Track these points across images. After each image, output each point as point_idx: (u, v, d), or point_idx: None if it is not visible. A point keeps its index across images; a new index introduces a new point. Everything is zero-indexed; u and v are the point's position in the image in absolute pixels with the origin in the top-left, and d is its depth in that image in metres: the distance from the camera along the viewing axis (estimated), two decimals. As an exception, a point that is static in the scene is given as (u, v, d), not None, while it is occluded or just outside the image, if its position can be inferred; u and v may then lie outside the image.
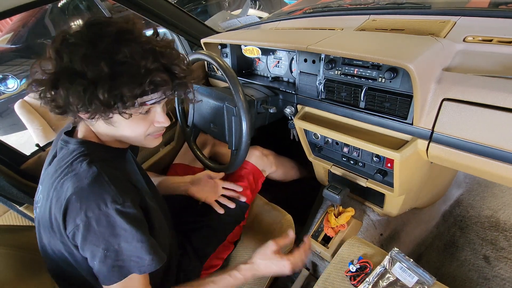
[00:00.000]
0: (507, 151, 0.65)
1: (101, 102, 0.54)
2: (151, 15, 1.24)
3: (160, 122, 0.66)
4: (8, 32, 3.33)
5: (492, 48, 0.79)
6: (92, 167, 0.59)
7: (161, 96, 0.61)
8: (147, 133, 0.66)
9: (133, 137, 0.66)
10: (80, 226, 0.56)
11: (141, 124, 0.64)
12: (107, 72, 0.53)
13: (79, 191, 0.57)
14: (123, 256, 0.58)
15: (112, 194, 0.57)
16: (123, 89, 0.54)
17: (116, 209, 0.56)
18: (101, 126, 0.64)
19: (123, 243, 0.58)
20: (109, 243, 0.57)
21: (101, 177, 0.58)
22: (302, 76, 1.00)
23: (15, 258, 0.72)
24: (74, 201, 0.56)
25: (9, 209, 1.03)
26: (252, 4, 4.28)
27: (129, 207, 0.58)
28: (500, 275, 1.12)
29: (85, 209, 0.56)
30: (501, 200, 1.29)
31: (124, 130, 0.64)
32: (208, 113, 1.07)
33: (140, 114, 0.62)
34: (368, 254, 0.85)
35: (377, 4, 1.31)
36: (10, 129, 3.25)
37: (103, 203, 0.56)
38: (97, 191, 0.57)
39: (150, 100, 0.60)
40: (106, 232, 0.56)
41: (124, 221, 0.57)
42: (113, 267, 0.58)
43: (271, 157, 1.21)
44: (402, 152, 0.79)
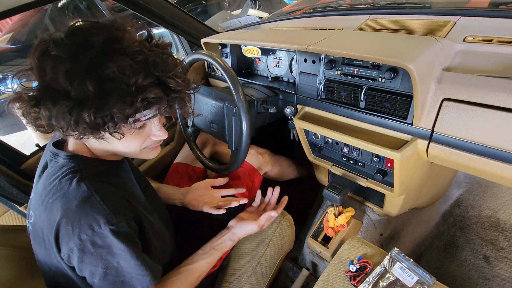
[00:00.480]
0: (507, 151, 0.65)
1: (88, 124, 0.49)
2: (151, 15, 1.24)
3: (157, 136, 0.62)
4: (8, 32, 3.33)
5: (492, 48, 0.79)
6: (81, 186, 0.56)
7: (155, 112, 0.56)
8: (143, 146, 0.62)
9: (128, 152, 0.63)
10: (75, 250, 0.54)
11: (136, 139, 0.60)
12: (93, 91, 0.47)
13: (69, 214, 0.54)
14: (124, 272, 0.58)
15: (105, 215, 0.54)
16: (112, 109, 0.49)
17: (111, 229, 0.54)
18: (93, 141, 0.59)
19: (122, 261, 0.57)
20: (108, 261, 0.56)
21: (92, 197, 0.55)
22: (302, 76, 1.00)
23: (15, 258, 0.72)
24: (64, 224, 0.54)
25: (9, 209, 1.03)
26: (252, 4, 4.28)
27: (123, 227, 0.56)
28: (500, 275, 1.12)
29: (78, 233, 0.53)
30: (501, 200, 1.29)
31: (118, 145, 0.59)
32: (208, 113, 1.07)
33: (134, 130, 0.57)
34: (368, 254, 0.85)
35: (377, 4, 1.31)
36: (10, 129, 3.25)
37: (96, 224, 0.54)
38: (89, 213, 0.54)
39: (143, 117, 0.56)
40: (102, 252, 0.55)
41: (119, 241, 0.55)
42: (114, 282, 0.58)
43: (266, 155, 1.21)
44: (402, 152, 0.79)
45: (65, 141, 0.66)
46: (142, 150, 0.63)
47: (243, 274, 0.95)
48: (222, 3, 4.49)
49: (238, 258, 0.99)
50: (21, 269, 0.72)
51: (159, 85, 0.53)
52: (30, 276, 0.72)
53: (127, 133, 0.56)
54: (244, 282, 0.94)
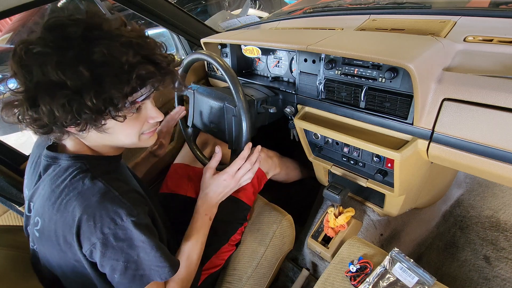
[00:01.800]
0: (508, 151, 0.65)
1: (91, 109, 0.50)
2: (151, 15, 1.23)
3: (154, 117, 0.64)
4: (7, 32, 3.33)
5: (493, 48, 0.79)
6: (96, 183, 0.57)
7: (150, 89, 0.58)
8: (141, 132, 0.64)
9: (128, 140, 0.64)
10: (97, 244, 0.55)
11: (135, 124, 0.61)
12: (88, 76, 0.48)
13: (89, 210, 0.55)
14: (143, 265, 0.59)
15: (126, 208, 0.56)
16: (110, 90, 0.50)
17: (132, 221, 0.56)
18: (93, 136, 0.60)
19: (142, 254, 0.58)
20: (129, 255, 0.57)
21: (110, 192, 0.57)
22: (302, 76, 1.00)
23: (15, 258, 0.72)
24: (86, 220, 0.54)
25: (8, 209, 1.03)
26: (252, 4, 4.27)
27: (143, 219, 0.59)
28: (501, 275, 1.12)
29: (100, 227, 0.54)
30: (502, 200, 1.29)
31: (118, 135, 0.61)
32: (208, 113, 1.07)
33: (133, 113, 0.59)
34: (368, 254, 0.85)
35: (377, 4, 1.31)
36: (10, 129, 3.25)
37: (118, 217, 0.55)
38: (109, 207, 0.55)
39: (140, 97, 0.57)
40: (124, 245, 0.56)
41: (141, 233, 0.57)
42: (134, 276, 0.58)
43: (276, 158, 1.21)
44: (402, 152, 0.79)
45: (59, 146, 0.66)
46: (141, 137, 0.65)
47: (243, 274, 0.95)
48: (222, 3, 4.49)
49: (238, 258, 0.99)
50: (21, 269, 0.72)
51: (149, 62, 0.55)
52: (30, 276, 0.72)
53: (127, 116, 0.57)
54: (244, 282, 0.94)
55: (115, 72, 0.50)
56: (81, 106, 0.50)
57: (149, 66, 0.54)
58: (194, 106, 1.13)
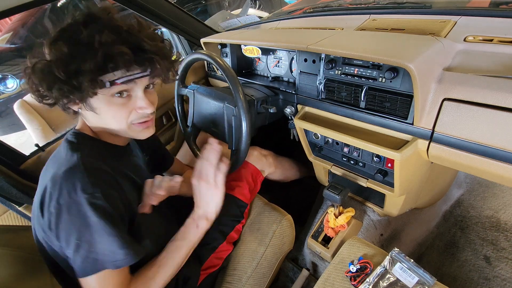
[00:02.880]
0: (508, 151, 0.65)
1: (62, 81, 0.55)
2: (151, 15, 1.23)
3: (142, 108, 0.64)
4: (7, 31, 3.33)
5: (493, 48, 0.79)
6: (73, 156, 0.60)
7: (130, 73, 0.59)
8: (130, 120, 0.65)
9: (117, 126, 0.65)
10: (53, 213, 0.57)
11: (122, 110, 0.63)
12: (66, 51, 0.55)
13: (55, 178, 0.58)
14: (96, 248, 0.58)
15: (82, 182, 0.57)
16: (78, 65, 0.54)
17: (85, 198, 0.56)
18: (89, 116, 0.65)
19: (95, 235, 0.58)
20: (81, 233, 0.57)
21: (78, 167, 0.58)
22: (302, 76, 0.99)
23: (15, 258, 0.72)
24: (49, 188, 0.57)
25: (8, 209, 1.03)
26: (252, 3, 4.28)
27: (99, 199, 0.57)
28: (501, 275, 1.12)
29: (57, 196, 0.56)
30: (502, 200, 1.28)
31: (106, 118, 0.64)
32: (208, 113, 1.07)
33: (119, 98, 0.61)
34: (368, 255, 0.85)
35: (378, 4, 1.31)
36: (10, 129, 3.25)
37: (73, 191, 0.56)
38: (69, 179, 0.57)
39: (119, 79, 0.59)
40: (76, 221, 0.57)
41: (94, 213, 0.57)
42: (87, 258, 0.58)
43: (270, 157, 1.21)
44: (402, 152, 0.78)
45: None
46: (131, 126, 0.66)
47: (243, 274, 0.95)
48: (222, 2, 4.49)
49: (238, 258, 0.99)
50: (21, 269, 0.72)
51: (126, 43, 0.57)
52: (30, 276, 0.72)
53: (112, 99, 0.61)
54: (244, 282, 0.94)
55: (87, 49, 0.55)
56: (54, 77, 0.55)
57: (123, 48, 0.56)
58: (194, 106, 1.13)
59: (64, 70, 0.55)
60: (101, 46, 0.55)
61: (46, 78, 0.56)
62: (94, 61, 0.55)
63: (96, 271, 0.59)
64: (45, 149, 1.04)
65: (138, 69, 0.60)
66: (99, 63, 0.55)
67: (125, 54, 0.56)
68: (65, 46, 0.55)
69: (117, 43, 0.56)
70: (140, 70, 0.61)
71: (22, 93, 2.94)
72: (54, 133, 1.98)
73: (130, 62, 0.58)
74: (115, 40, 0.56)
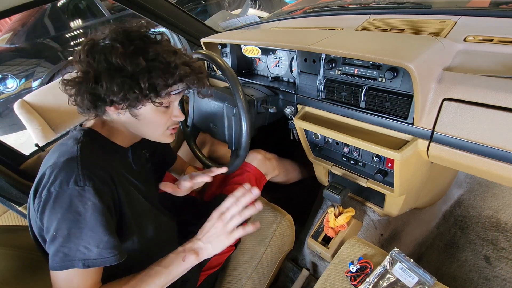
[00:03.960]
0: (508, 151, 0.65)
1: (140, 90, 0.61)
2: (151, 14, 1.23)
3: (177, 116, 0.73)
4: (7, 31, 3.33)
5: (493, 48, 0.79)
6: (74, 147, 0.62)
7: (184, 87, 0.69)
8: (167, 126, 0.72)
9: (153, 130, 0.72)
10: (42, 200, 0.58)
11: (163, 117, 0.70)
12: (144, 66, 0.61)
13: (53, 167, 0.59)
14: (70, 243, 0.57)
15: (75, 174, 0.58)
16: (158, 79, 0.62)
17: (76, 190, 0.57)
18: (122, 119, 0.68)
19: (74, 229, 0.57)
20: (60, 225, 0.57)
21: (75, 159, 0.60)
22: (302, 76, 0.99)
23: (15, 258, 0.72)
24: (46, 176, 0.59)
25: (8, 209, 1.03)
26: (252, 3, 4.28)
27: (89, 192, 0.58)
28: (501, 275, 1.12)
29: (49, 184, 0.58)
30: (502, 200, 1.28)
31: (145, 122, 0.69)
32: (208, 113, 1.07)
33: (164, 107, 0.68)
34: (368, 255, 0.85)
35: (378, 4, 1.31)
36: (10, 129, 3.25)
37: (65, 182, 0.57)
38: (64, 170, 0.58)
39: (175, 91, 0.68)
40: (60, 211, 0.57)
41: (80, 205, 0.57)
42: (58, 251, 0.57)
43: (274, 160, 1.21)
44: (402, 152, 0.78)
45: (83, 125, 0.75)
46: (165, 131, 0.73)
47: (243, 274, 0.95)
48: (222, 2, 4.49)
49: (238, 258, 0.99)
50: (20, 269, 0.72)
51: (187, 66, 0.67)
52: (30, 276, 0.72)
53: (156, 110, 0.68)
54: (244, 282, 0.94)
55: (164, 67, 0.63)
56: (132, 87, 0.61)
57: (188, 68, 0.67)
58: (194, 106, 1.13)
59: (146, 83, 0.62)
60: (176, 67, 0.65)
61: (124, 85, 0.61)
62: (173, 79, 0.64)
63: (63, 268, 0.57)
64: (45, 149, 1.04)
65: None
66: (176, 81, 0.65)
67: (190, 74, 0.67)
68: (143, 61, 0.61)
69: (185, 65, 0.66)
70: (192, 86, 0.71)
71: (22, 93, 2.94)
72: (54, 133, 1.98)
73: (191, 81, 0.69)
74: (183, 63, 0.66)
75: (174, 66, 0.65)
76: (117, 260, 0.61)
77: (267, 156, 1.19)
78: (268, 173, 1.17)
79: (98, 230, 0.58)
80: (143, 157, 0.83)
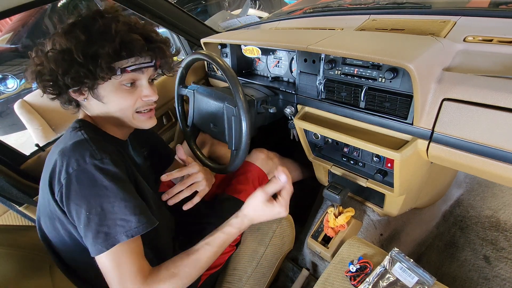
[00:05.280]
0: (508, 151, 0.65)
1: (79, 64, 0.58)
2: (151, 15, 1.23)
3: (147, 96, 0.67)
4: (7, 32, 3.33)
5: (492, 48, 0.79)
6: (78, 133, 0.63)
7: (140, 61, 0.64)
8: (135, 108, 0.68)
9: (122, 114, 0.68)
10: (63, 184, 0.57)
11: (128, 97, 0.66)
12: (83, 39, 0.58)
13: (63, 152, 0.59)
14: (107, 220, 0.57)
15: (90, 150, 0.58)
16: (97, 49, 0.58)
17: (95, 164, 0.57)
18: (94, 106, 0.67)
19: (106, 204, 0.57)
20: (91, 204, 0.56)
21: (84, 140, 0.61)
22: (302, 76, 1.00)
23: (15, 258, 0.72)
24: (59, 162, 0.58)
25: (8, 209, 1.03)
26: (252, 4, 4.28)
27: (108, 164, 0.58)
28: (501, 275, 1.12)
29: (66, 167, 0.57)
30: (502, 200, 1.29)
31: (112, 105, 0.66)
32: (208, 113, 1.07)
33: (125, 86, 0.65)
34: (368, 254, 0.85)
35: (377, 4, 1.31)
36: (10, 129, 3.25)
37: (82, 159, 0.57)
38: (77, 149, 0.59)
39: (130, 66, 0.62)
40: (86, 190, 0.56)
41: (104, 177, 0.57)
42: (98, 232, 0.56)
43: (276, 159, 1.21)
44: (402, 152, 0.79)
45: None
46: (136, 115, 0.69)
47: (243, 274, 0.95)
48: (222, 3, 4.49)
49: (238, 258, 0.99)
50: (21, 269, 0.72)
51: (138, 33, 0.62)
52: (30, 275, 0.72)
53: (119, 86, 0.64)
54: (244, 282, 0.94)
55: (104, 36, 0.59)
56: (71, 62, 0.58)
57: (136, 35, 0.61)
58: (194, 106, 1.13)
59: (83, 54, 0.58)
60: (117, 33, 0.59)
61: (63, 63, 0.59)
62: (112, 46, 0.59)
63: (108, 247, 0.57)
64: (45, 149, 1.04)
65: (147, 57, 0.65)
66: (116, 48, 0.59)
67: (139, 41, 0.61)
68: (82, 34, 0.58)
69: (131, 32, 0.61)
70: (149, 59, 0.65)
71: (22, 93, 2.95)
72: (54, 133, 1.99)
73: (143, 48, 0.62)
74: (129, 29, 0.61)
75: (115, 32, 0.59)
76: (155, 223, 0.62)
77: (270, 155, 1.19)
78: (271, 173, 1.17)
79: (129, 198, 0.59)
80: (142, 155, 0.83)
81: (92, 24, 0.60)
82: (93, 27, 0.60)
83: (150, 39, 0.64)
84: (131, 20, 0.64)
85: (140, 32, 0.63)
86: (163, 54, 0.67)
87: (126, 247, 0.59)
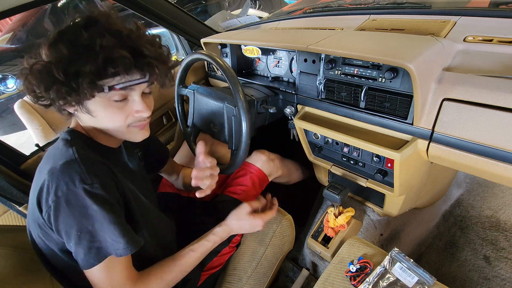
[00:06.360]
0: (507, 151, 0.65)
1: (60, 82, 0.55)
2: (151, 15, 1.23)
3: (139, 112, 0.64)
4: (7, 32, 3.33)
5: (492, 48, 0.79)
6: (69, 150, 0.60)
7: (128, 79, 0.59)
8: (127, 123, 0.65)
9: (114, 128, 0.65)
10: (52, 207, 0.56)
11: (118, 113, 0.63)
12: (66, 53, 0.54)
13: (52, 172, 0.57)
14: (99, 237, 0.58)
15: (80, 173, 0.57)
16: (78, 67, 0.54)
17: (84, 189, 0.56)
18: (85, 118, 0.65)
19: (96, 225, 0.57)
20: (82, 224, 0.57)
21: (74, 159, 0.58)
22: (302, 76, 1.00)
23: (15, 258, 0.72)
24: (46, 182, 0.57)
25: (8, 209, 1.03)
26: (252, 4, 4.28)
27: (97, 189, 0.57)
28: (500, 275, 1.12)
29: (55, 189, 0.56)
30: (502, 200, 1.29)
31: (103, 120, 0.63)
32: (208, 113, 1.07)
33: (116, 102, 0.61)
34: (368, 254, 0.85)
35: (377, 4, 1.31)
36: (10, 129, 3.25)
37: (71, 182, 0.56)
38: (67, 172, 0.57)
39: (118, 84, 0.59)
40: (76, 212, 0.56)
41: (93, 202, 0.56)
42: (89, 248, 0.58)
43: (277, 161, 1.21)
44: (402, 152, 0.79)
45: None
46: (129, 128, 0.66)
47: (243, 274, 0.95)
48: (222, 3, 4.49)
49: (238, 258, 0.99)
50: (21, 269, 0.72)
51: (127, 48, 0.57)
52: (30, 276, 0.72)
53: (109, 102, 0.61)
54: (244, 282, 0.94)
55: (88, 52, 0.55)
56: (52, 78, 0.55)
57: (124, 51, 0.56)
58: (194, 106, 1.13)
59: (64, 72, 0.55)
60: (102, 49, 0.55)
61: (45, 79, 0.56)
62: (95, 64, 0.54)
63: (101, 259, 0.58)
64: (45, 149, 1.04)
65: (137, 74, 0.60)
66: (99, 66, 0.55)
67: (125, 58, 0.56)
68: (65, 48, 0.55)
69: (118, 47, 0.56)
70: (139, 75, 0.61)
71: (22, 93, 2.95)
72: (54, 133, 1.99)
73: (130, 66, 0.58)
74: (115, 44, 0.56)
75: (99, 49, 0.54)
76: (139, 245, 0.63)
77: (271, 156, 1.19)
78: (272, 174, 1.17)
79: (117, 222, 0.59)
80: (136, 156, 0.83)
81: (77, 36, 0.56)
82: (78, 40, 0.56)
83: (141, 54, 0.59)
84: (124, 30, 0.58)
85: (130, 46, 0.58)
86: (152, 71, 0.61)
87: (117, 261, 0.61)
